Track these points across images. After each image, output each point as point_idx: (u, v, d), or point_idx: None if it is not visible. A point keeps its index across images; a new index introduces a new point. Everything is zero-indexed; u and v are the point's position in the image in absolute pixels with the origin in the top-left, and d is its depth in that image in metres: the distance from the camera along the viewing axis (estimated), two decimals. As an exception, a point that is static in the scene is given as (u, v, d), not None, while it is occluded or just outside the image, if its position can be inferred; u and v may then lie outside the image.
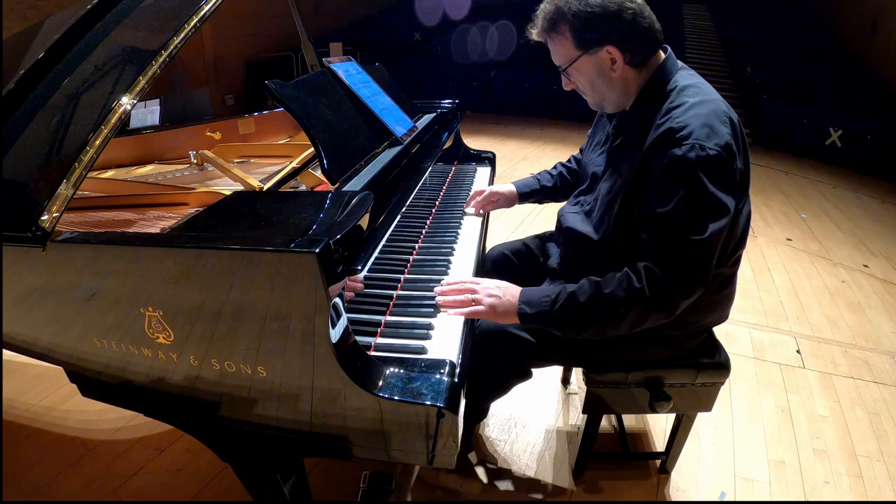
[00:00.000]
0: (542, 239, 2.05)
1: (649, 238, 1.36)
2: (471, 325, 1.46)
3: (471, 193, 2.14)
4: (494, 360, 1.65)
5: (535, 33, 1.54)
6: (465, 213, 2.07)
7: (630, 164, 1.45)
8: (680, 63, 1.52)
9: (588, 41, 1.44)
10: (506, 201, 2.11)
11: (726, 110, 1.39)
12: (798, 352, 3.01)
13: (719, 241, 1.35)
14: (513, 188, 2.12)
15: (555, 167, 2.15)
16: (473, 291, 1.48)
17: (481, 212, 2.09)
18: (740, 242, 1.50)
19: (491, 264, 2.01)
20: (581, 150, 2.00)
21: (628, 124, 1.54)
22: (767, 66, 8.72)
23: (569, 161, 2.13)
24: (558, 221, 1.77)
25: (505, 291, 1.48)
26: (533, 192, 2.13)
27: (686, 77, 1.47)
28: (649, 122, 1.42)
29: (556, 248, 1.80)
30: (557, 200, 2.11)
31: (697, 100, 1.38)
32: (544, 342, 1.63)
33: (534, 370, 1.74)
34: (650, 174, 1.37)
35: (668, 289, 1.34)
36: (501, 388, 1.79)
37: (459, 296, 1.47)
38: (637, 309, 1.37)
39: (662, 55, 1.50)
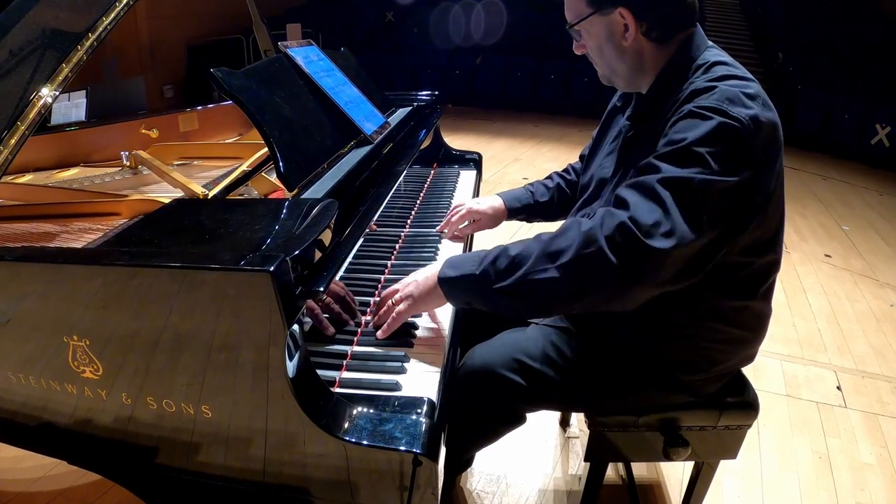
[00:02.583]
0: None
1: (623, 186, 1.33)
2: (453, 357, 1.47)
3: (447, 213, 2.05)
4: (480, 405, 1.62)
5: None
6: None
7: (646, 155, 1.38)
8: (709, 42, 1.50)
9: None
10: (489, 220, 2.02)
11: (760, 92, 1.34)
12: (839, 388, 3.04)
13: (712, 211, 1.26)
14: (500, 202, 2.03)
15: (550, 177, 2.09)
16: (393, 293, 1.49)
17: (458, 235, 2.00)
18: (771, 267, 1.47)
19: None
20: (581, 157, 1.96)
21: (643, 110, 1.53)
22: (802, 51, 8.81)
23: (566, 171, 2.08)
24: None
25: (424, 270, 1.49)
26: (524, 208, 2.04)
27: (715, 55, 1.45)
28: (668, 105, 1.40)
29: None
30: (551, 219, 2.05)
31: (726, 73, 1.37)
32: (537, 385, 1.59)
33: (528, 414, 1.75)
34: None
35: (633, 237, 1.22)
36: (490, 436, 1.77)
37: (382, 309, 1.48)
38: (582, 265, 1.26)
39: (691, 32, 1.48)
